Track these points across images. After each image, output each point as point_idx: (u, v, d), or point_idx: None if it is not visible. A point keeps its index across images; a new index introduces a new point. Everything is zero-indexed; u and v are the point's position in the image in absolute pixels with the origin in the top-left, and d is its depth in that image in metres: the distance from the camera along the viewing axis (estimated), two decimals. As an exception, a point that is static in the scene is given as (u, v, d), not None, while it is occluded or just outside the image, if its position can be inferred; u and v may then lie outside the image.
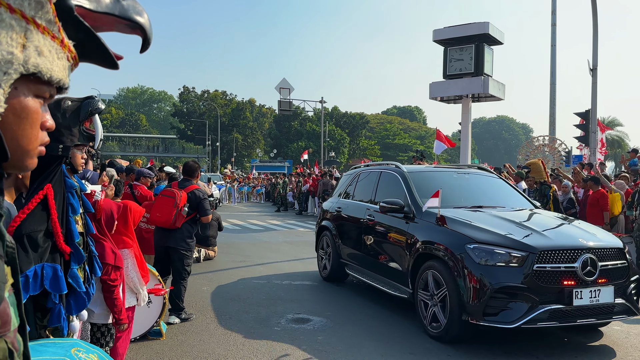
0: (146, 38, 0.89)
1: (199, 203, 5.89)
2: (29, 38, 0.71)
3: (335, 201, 8.26)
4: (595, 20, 15.05)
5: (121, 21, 0.84)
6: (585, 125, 15.78)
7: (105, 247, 3.60)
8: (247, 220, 18.57)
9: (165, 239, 5.83)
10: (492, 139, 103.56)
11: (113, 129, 76.59)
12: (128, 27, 0.86)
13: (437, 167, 8.12)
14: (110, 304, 3.60)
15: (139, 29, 0.87)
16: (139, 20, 0.86)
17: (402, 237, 5.87)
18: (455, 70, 19.01)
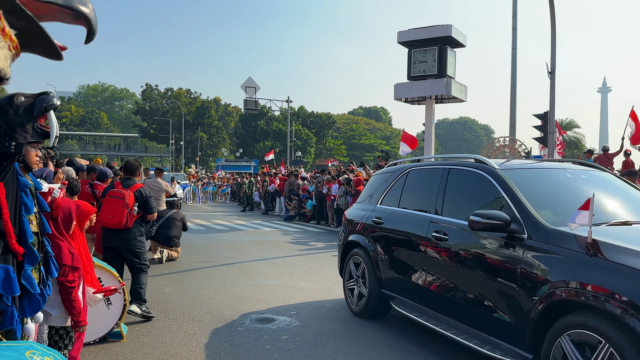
0: (91, 29, 0.85)
1: (145, 201, 5.93)
2: None
3: (369, 208, 6.13)
4: (553, 25, 15.52)
5: (64, 10, 0.79)
6: (543, 127, 16.25)
7: (62, 247, 3.49)
8: (211, 220, 18.36)
9: (116, 240, 5.80)
10: (455, 139, 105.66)
11: (73, 127, 74.46)
12: (72, 16, 0.81)
13: (541, 163, 5.80)
14: (68, 306, 3.49)
15: (83, 19, 0.83)
16: (82, 10, 0.82)
17: (512, 269, 3.81)
18: (419, 72, 19.29)
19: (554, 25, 15.53)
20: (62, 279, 3.43)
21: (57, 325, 3.59)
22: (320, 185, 17.27)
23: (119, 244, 5.81)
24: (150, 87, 66.90)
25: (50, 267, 3.23)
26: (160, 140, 66.50)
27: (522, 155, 18.11)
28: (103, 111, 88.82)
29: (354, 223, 6.36)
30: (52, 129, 3.50)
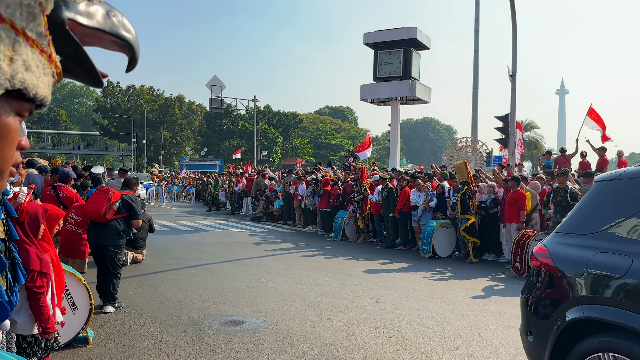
0: (133, 57, 0.86)
1: (130, 206, 6.38)
2: (17, 51, 0.65)
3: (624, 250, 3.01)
4: (514, 30, 15.98)
5: (109, 37, 0.80)
6: (504, 128, 16.72)
7: (29, 252, 3.42)
8: (176, 221, 18.11)
9: (97, 236, 6.22)
10: (419, 139, 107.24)
11: (30, 125, 71.89)
12: (115, 44, 0.82)
13: None
14: (36, 313, 3.43)
15: (127, 47, 0.83)
16: (128, 38, 0.82)
17: None
18: (385, 74, 19.57)
19: (515, 29, 15.98)
20: (30, 284, 3.36)
21: (23, 333, 3.51)
22: (287, 185, 17.28)
23: (101, 240, 6.18)
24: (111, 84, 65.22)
25: (18, 274, 3.16)
26: (121, 138, 64.96)
27: (483, 156, 18.60)
28: (62, 108, 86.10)
29: (578, 280, 3.21)
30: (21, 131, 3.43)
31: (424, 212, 11.52)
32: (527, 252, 8.83)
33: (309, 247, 12.10)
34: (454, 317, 6.24)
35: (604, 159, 13.56)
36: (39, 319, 3.42)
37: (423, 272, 9.27)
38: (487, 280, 8.69)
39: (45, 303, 3.43)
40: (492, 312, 6.51)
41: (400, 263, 10.16)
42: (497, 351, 5.04)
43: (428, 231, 10.84)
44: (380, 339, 5.34)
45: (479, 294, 7.59)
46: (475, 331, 5.67)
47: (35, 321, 3.46)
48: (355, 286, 7.89)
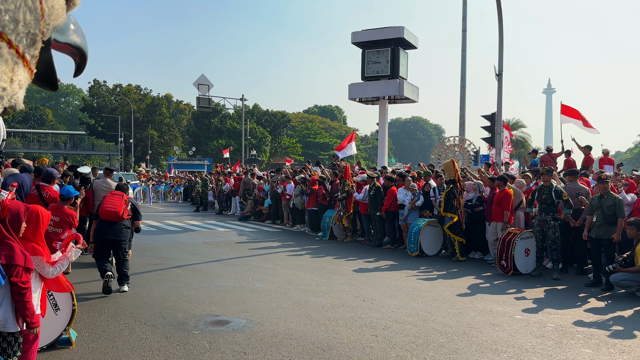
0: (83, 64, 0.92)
1: (134, 208, 7.51)
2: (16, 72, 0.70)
3: None
4: (500, 29, 16.08)
5: (69, 47, 0.85)
6: (491, 127, 16.82)
7: (14, 248, 3.40)
8: (163, 220, 17.99)
9: (111, 233, 7.08)
10: (408, 138, 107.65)
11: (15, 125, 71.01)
12: (71, 52, 0.87)
13: None
14: (21, 308, 3.40)
15: (79, 54, 0.89)
16: (84, 50, 0.89)
17: None
18: (372, 73, 19.60)
19: (501, 29, 16.08)
20: (16, 279, 3.34)
21: (5, 330, 3.46)
22: (275, 184, 17.24)
23: (112, 235, 7.07)
24: (98, 83, 64.70)
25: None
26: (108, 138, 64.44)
27: (471, 155, 18.70)
28: (48, 107, 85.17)
29: None
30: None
31: (411, 211, 11.56)
32: (512, 251, 8.89)
33: (296, 247, 12.08)
34: (440, 315, 6.27)
35: (589, 157, 13.70)
36: (24, 314, 3.40)
37: (410, 270, 9.29)
38: (473, 278, 8.74)
39: (30, 298, 3.41)
40: (477, 310, 6.54)
41: (388, 262, 10.18)
42: (482, 349, 5.07)
43: (415, 230, 10.87)
44: (365, 337, 5.35)
45: (464, 292, 7.62)
46: (461, 329, 5.69)
47: (19, 317, 3.43)
48: (342, 285, 7.89)
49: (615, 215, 7.99)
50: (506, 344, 5.22)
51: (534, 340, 5.39)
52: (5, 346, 3.52)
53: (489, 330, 5.70)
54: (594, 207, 8.26)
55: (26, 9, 0.65)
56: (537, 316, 6.34)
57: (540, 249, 9.00)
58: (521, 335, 5.54)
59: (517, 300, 7.19)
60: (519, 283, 8.34)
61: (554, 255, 8.81)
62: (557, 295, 7.61)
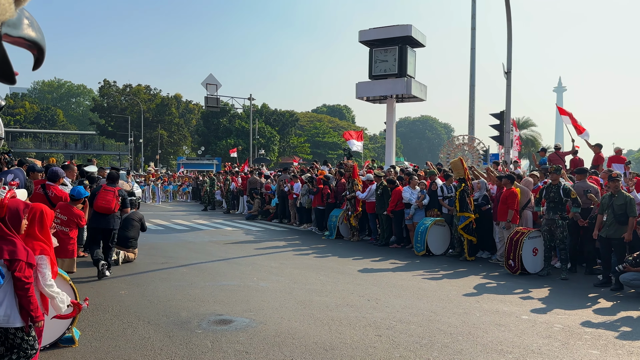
0: (42, 58, 0.90)
1: (124, 198, 8.60)
2: None
3: None
4: (509, 27, 15.93)
5: (24, 41, 0.84)
6: (500, 126, 16.68)
7: (16, 243, 3.42)
8: (171, 220, 18.05)
9: (103, 222, 8.16)
10: (417, 137, 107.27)
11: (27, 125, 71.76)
12: (27, 46, 0.86)
13: None
14: (25, 303, 3.43)
15: (36, 48, 0.88)
16: (40, 43, 0.88)
17: None
18: (380, 71, 19.52)
19: (510, 26, 15.93)
20: (19, 274, 3.36)
21: (7, 325, 3.47)
22: (282, 183, 17.22)
23: (105, 225, 8.15)
24: (108, 83, 65.14)
25: (-1, 271, 3.16)
26: (118, 137, 64.89)
27: (480, 153, 18.56)
28: (59, 108, 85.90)
29: None
30: None
31: (417, 210, 11.48)
32: (520, 250, 8.80)
33: (303, 246, 12.05)
34: (445, 315, 6.20)
35: (599, 156, 13.51)
36: (28, 308, 3.42)
37: (416, 270, 9.23)
38: (480, 278, 8.65)
39: (33, 293, 3.44)
40: (483, 310, 6.47)
41: (394, 261, 10.12)
42: (487, 349, 5.00)
43: (422, 229, 10.79)
44: (369, 337, 5.30)
45: (471, 292, 7.54)
46: (466, 329, 5.63)
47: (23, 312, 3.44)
48: (347, 284, 7.84)
49: (626, 214, 7.86)
50: (512, 345, 5.15)
51: (541, 340, 5.31)
52: (19, 342, 3.53)
53: (494, 330, 5.62)
54: (605, 206, 8.14)
55: None
56: (544, 316, 6.25)
57: (549, 248, 8.89)
58: (527, 335, 5.47)
59: (524, 300, 7.10)
60: (526, 283, 8.24)
61: (563, 254, 8.70)
62: (565, 295, 7.51)
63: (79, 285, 6.53)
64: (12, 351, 3.52)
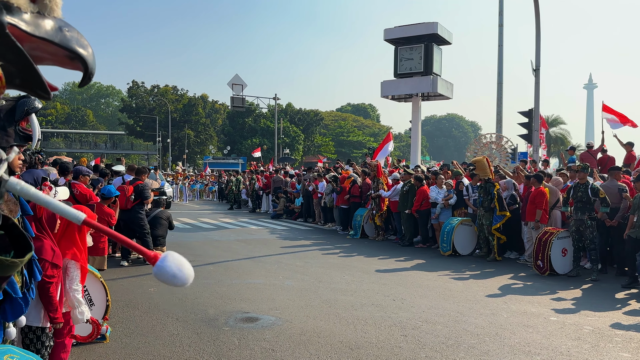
0: (87, 72, 0.83)
1: (140, 191, 9.23)
2: None
3: None
4: (537, 23, 15.66)
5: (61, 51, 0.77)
6: (528, 124, 16.41)
7: (44, 243, 3.48)
8: (198, 218, 18.30)
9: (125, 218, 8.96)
10: (443, 136, 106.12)
11: (58, 125, 73.61)
12: (68, 58, 0.79)
13: None
14: (45, 302, 3.47)
15: (80, 62, 0.81)
16: (80, 52, 0.79)
17: None
18: (405, 70, 19.40)
19: (538, 22, 15.67)
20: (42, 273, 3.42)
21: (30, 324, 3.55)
22: (306, 183, 17.29)
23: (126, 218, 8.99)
24: (136, 84, 66.32)
25: (34, 271, 3.22)
26: (146, 137, 65.98)
27: (508, 152, 18.29)
28: (89, 108, 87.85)
29: None
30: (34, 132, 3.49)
31: (443, 210, 11.39)
32: (549, 250, 8.65)
33: (327, 245, 12.08)
34: (472, 315, 6.15)
35: (631, 155, 13.17)
36: (48, 308, 3.46)
37: (442, 270, 9.16)
38: (508, 278, 8.55)
39: (54, 293, 3.47)
40: (511, 311, 6.39)
41: (419, 261, 10.06)
42: (514, 350, 4.95)
43: (448, 229, 10.70)
44: (394, 337, 5.30)
45: (498, 293, 7.46)
46: (493, 330, 5.58)
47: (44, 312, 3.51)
48: (372, 284, 7.84)
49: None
50: (540, 346, 5.09)
51: (570, 342, 5.23)
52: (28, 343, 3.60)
53: (522, 331, 5.56)
54: (636, 206, 7.94)
55: None
56: (574, 318, 6.15)
57: (578, 248, 8.72)
58: (556, 337, 5.39)
59: (552, 302, 6.99)
60: (555, 284, 8.11)
61: (593, 255, 8.52)
62: (595, 296, 7.37)
63: (109, 282, 6.69)
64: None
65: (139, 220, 9.13)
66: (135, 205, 9.17)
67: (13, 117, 3.00)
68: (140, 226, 9.14)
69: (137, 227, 9.12)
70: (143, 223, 9.18)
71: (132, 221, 9.08)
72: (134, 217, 9.10)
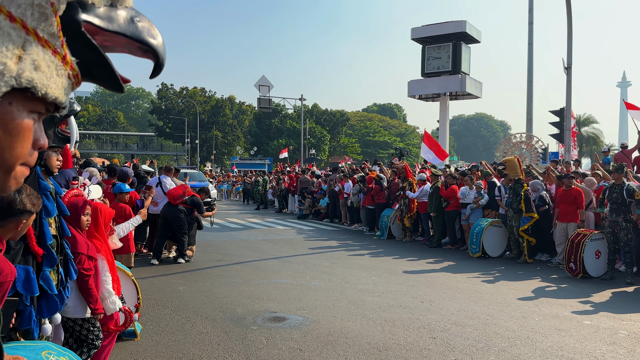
0: (158, 63, 0.83)
1: (197, 204, 9.54)
2: (27, 50, 0.65)
3: None
4: (569, 20, 15.32)
5: (133, 43, 0.78)
6: (559, 123, 16.07)
7: (77, 237, 3.58)
8: (226, 218, 18.49)
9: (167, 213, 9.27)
10: (471, 136, 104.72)
11: (90, 127, 75.34)
12: (140, 49, 0.80)
13: None
14: (85, 295, 3.58)
15: (152, 53, 0.82)
16: (152, 44, 0.79)
17: None
18: (433, 69, 19.25)
19: (570, 19, 15.32)
20: (79, 266, 3.52)
21: (73, 316, 3.65)
22: (332, 183, 17.28)
23: (167, 214, 9.24)
24: (165, 86, 67.38)
25: (70, 270, 3.32)
26: (175, 138, 66.95)
27: (539, 152, 17.94)
28: (120, 110, 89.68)
29: None
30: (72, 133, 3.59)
31: (473, 211, 11.23)
32: (582, 253, 8.44)
33: (354, 245, 12.06)
34: (502, 318, 6.05)
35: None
36: (88, 300, 3.57)
37: (471, 272, 9.04)
38: (539, 281, 8.38)
39: (93, 285, 3.58)
40: (543, 314, 6.26)
41: (448, 262, 9.95)
42: (547, 354, 4.84)
43: (477, 230, 10.55)
44: (423, 339, 5.25)
45: (529, 295, 7.32)
46: (524, 333, 5.47)
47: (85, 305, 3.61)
48: (399, 285, 7.79)
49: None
50: (573, 351, 4.97)
51: (604, 347, 5.09)
52: (85, 333, 3.71)
53: (554, 335, 5.44)
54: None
55: None
56: (608, 322, 5.98)
57: (613, 251, 8.49)
58: (590, 341, 5.25)
59: (586, 305, 6.82)
60: (588, 287, 7.91)
61: (627, 257, 8.29)
62: (630, 300, 7.16)
63: (139, 281, 6.81)
64: (82, 344, 3.70)
65: (179, 220, 9.22)
66: (178, 204, 9.31)
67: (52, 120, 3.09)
68: (179, 225, 9.23)
69: (175, 225, 9.21)
70: (182, 223, 9.26)
71: (172, 219, 9.18)
72: (175, 216, 9.19)
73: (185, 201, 9.29)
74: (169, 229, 9.31)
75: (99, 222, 3.96)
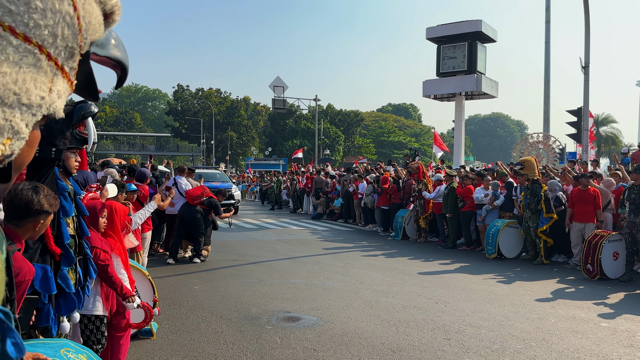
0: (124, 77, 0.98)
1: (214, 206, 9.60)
2: (55, 82, 0.76)
3: None
4: (587, 18, 15.13)
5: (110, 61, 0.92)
6: (577, 123, 15.87)
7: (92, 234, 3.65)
8: (240, 218, 18.59)
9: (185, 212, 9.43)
10: (487, 136, 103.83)
11: (107, 128, 76.28)
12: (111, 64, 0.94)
13: None
14: (109, 284, 3.65)
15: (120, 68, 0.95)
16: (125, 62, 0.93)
17: None
18: (448, 68, 19.14)
19: (587, 17, 15.13)
20: (95, 260, 3.59)
21: (89, 313, 3.69)
22: (346, 183, 17.28)
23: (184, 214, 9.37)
24: (181, 87, 67.96)
25: (89, 269, 3.37)
26: (191, 139, 67.48)
27: (556, 152, 17.74)
28: (136, 111, 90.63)
29: None
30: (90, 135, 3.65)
31: (489, 212, 11.13)
32: (599, 254, 8.34)
33: (368, 246, 12.04)
34: (518, 320, 6.00)
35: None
36: (113, 288, 3.64)
37: (486, 273, 8.98)
38: (556, 282, 8.29)
39: (114, 272, 3.64)
40: (559, 316, 6.20)
41: (463, 264, 9.89)
42: (563, 357, 4.80)
43: (493, 231, 10.47)
44: (438, 340, 5.24)
45: (545, 297, 7.25)
46: (540, 335, 5.43)
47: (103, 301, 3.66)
48: (414, 286, 7.77)
49: None
50: (590, 353, 4.91)
51: (622, 350, 5.03)
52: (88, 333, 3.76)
53: (571, 337, 5.38)
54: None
55: (64, 25, 0.71)
56: (626, 324, 5.90)
57: (631, 252, 8.36)
58: (607, 344, 5.19)
59: (603, 307, 6.73)
60: (605, 288, 7.80)
61: (647, 259, 8.15)
62: (650, 303, 7.04)
63: (155, 280, 6.89)
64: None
65: (196, 220, 9.31)
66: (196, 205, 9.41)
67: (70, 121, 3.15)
68: (195, 226, 9.32)
69: (192, 225, 9.31)
70: (199, 223, 9.36)
71: (189, 219, 9.28)
72: (192, 216, 9.29)
73: (202, 202, 9.36)
74: (185, 229, 9.40)
75: (114, 220, 4.03)
